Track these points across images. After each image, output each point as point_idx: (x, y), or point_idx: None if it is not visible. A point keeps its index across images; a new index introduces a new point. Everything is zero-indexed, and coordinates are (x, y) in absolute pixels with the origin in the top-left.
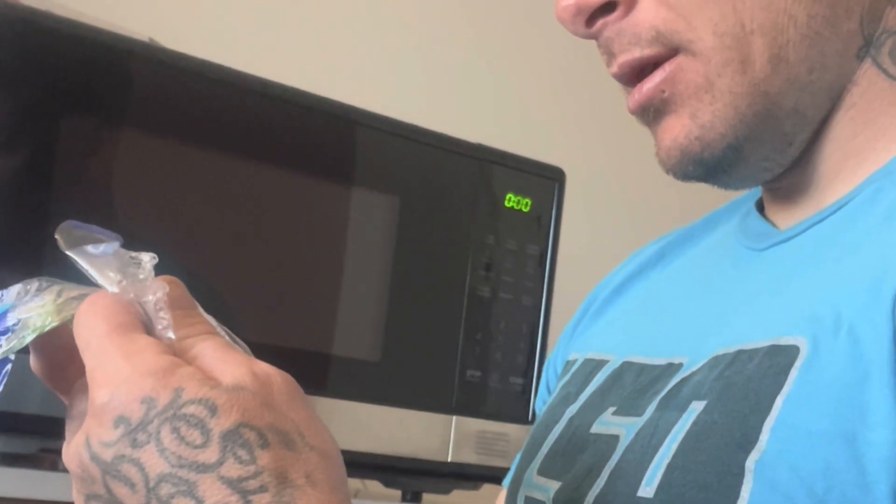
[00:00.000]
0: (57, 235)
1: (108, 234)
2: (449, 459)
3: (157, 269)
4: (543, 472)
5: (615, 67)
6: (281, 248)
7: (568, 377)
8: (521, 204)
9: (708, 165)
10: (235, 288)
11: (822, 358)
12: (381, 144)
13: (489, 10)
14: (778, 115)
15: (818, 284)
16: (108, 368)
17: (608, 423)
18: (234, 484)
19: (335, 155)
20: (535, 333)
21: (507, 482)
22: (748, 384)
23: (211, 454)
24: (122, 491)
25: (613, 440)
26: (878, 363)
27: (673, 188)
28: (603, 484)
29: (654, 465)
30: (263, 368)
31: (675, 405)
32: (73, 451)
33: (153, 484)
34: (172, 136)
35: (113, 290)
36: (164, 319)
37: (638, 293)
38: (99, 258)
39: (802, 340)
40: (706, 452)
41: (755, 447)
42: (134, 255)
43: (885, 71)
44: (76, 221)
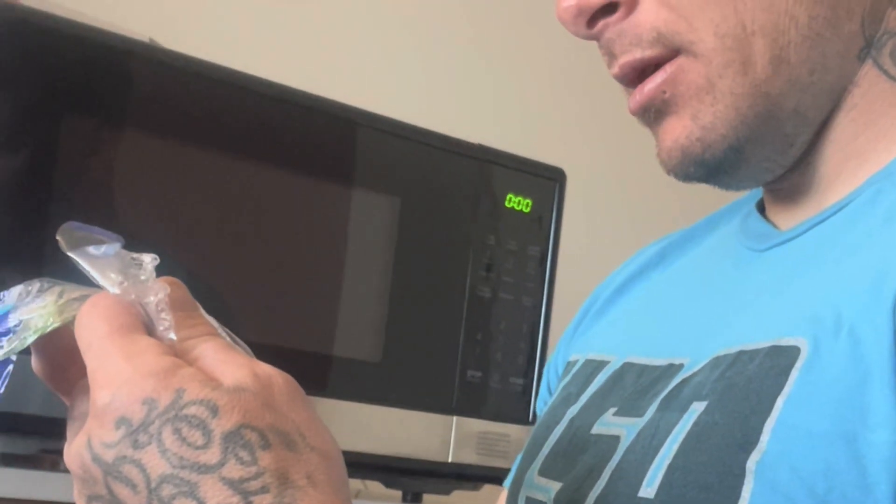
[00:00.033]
0: (58, 236)
1: (109, 235)
2: (449, 460)
3: (158, 269)
4: (544, 472)
5: (616, 68)
6: (281, 248)
7: (569, 378)
8: (521, 204)
9: (709, 166)
10: (236, 288)
11: (822, 359)
12: (381, 145)
13: (489, 10)
14: (779, 116)
15: (819, 285)
16: (109, 369)
17: (609, 423)
18: (235, 485)
19: (336, 155)
20: (535, 334)
21: (507, 483)
22: (749, 385)
23: (212, 455)
24: (123, 492)
25: (614, 441)
26: (878, 364)
27: (673, 189)
28: (604, 485)
29: (654, 465)
30: (265, 369)
31: (676, 406)
32: (74, 451)
33: (155, 485)
34: (173, 136)
35: (114, 291)
36: (165, 320)
37: (639, 294)
38: (100, 259)
39: (803, 341)
40: (707, 453)
41: (756, 448)
42: (135, 256)
43: (886, 72)
44: (77, 222)
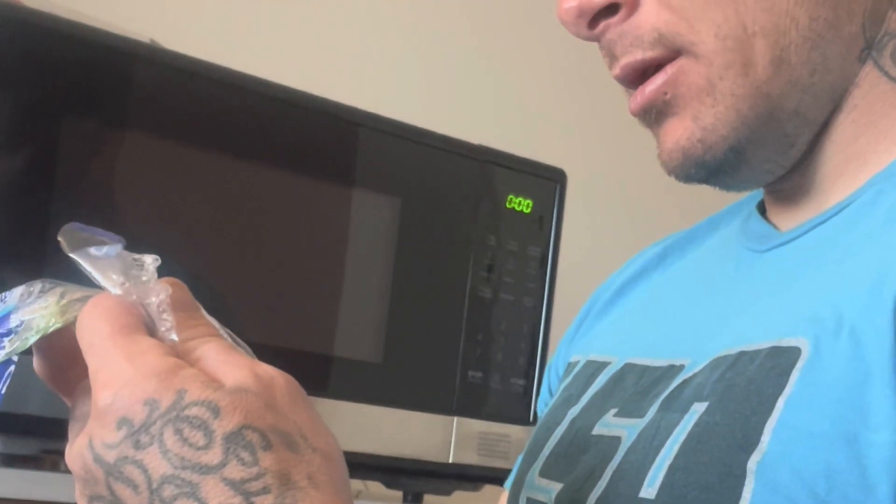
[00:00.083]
0: (60, 237)
1: (110, 236)
2: (450, 460)
3: (159, 270)
4: (545, 473)
5: (617, 69)
6: (282, 249)
7: (570, 379)
8: (522, 205)
9: (710, 167)
10: (237, 289)
11: (823, 359)
12: (382, 146)
13: (490, 11)
14: (780, 117)
15: (819, 286)
16: (111, 370)
17: (610, 424)
18: (236, 485)
19: (337, 156)
20: (536, 334)
21: (508, 484)
22: (750, 385)
23: (214, 456)
24: (125, 492)
25: (615, 441)
26: (879, 364)
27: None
28: (605, 485)
29: (655, 466)
30: (266, 370)
31: (676, 406)
32: (76, 452)
33: (156, 485)
34: (173, 137)
35: (116, 292)
36: (167, 321)
37: (640, 295)
38: (102, 260)
39: (804, 342)
40: (708, 453)
41: (757, 448)
42: (137, 257)
43: (886, 73)
44: (79, 223)
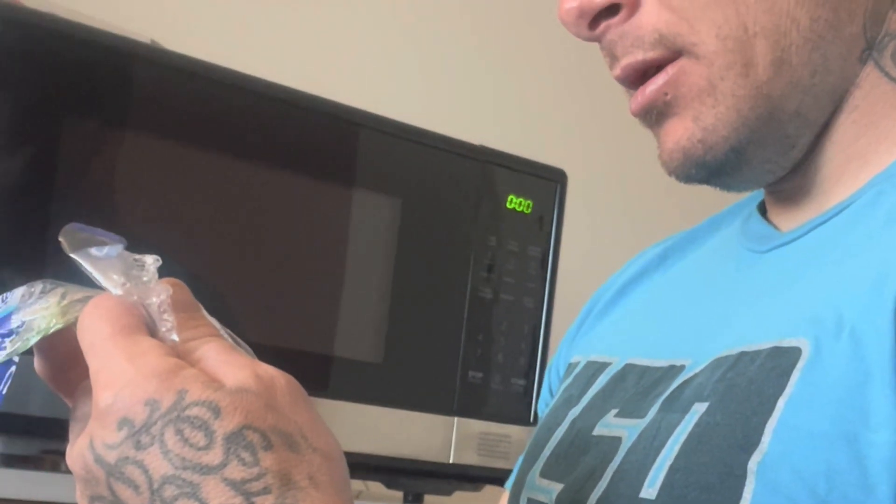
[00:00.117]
0: (61, 238)
1: (111, 236)
2: (451, 461)
3: (160, 271)
4: (546, 474)
5: (618, 70)
6: (283, 249)
7: (570, 380)
8: (522, 205)
9: (710, 168)
10: (238, 289)
11: (824, 359)
12: (383, 146)
13: (490, 11)
14: (780, 117)
15: (820, 286)
16: (111, 370)
17: (611, 425)
18: (237, 486)
19: (337, 157)
20: (536, 335)
21: (509, 484)
22: (750, 386)
23: (214, 456)
24: (125, 493)
25: (616, 442)
26: (879, 365)
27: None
28: (605, 486)
29: (656, 466)
30: (267, 370)
31: (677, 407)
32: (76, 452)
33: (157, 486)
34: (174, 137)
35: (117, 292)
36: (167, 322)
37: (641, 295)
38: (103, 260)
39: (804, 342)
40: (708, 454)
41: (757, 448)
42: (138, 257)
43: (887, 74)
44: (80, 224)
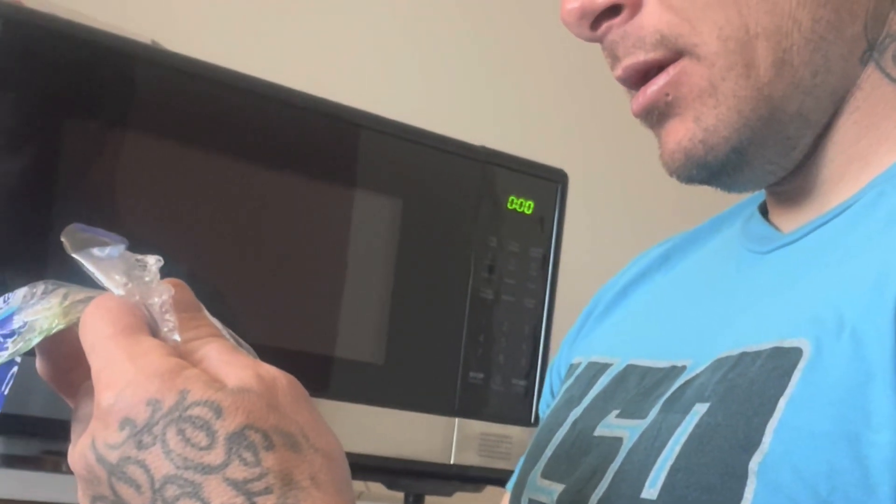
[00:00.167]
0: (63, 238)
1: (113, 237)
2: (452, 462)
3: (161, 271)
4: (547, 474)
5: (619, 71)
6: (284, 250)
7: (571, 380)
8: (523, 206)
9: (712, 169)
10: (239, 290)
11: (825, 360)
12: (383, 147)
13: (491, 12)
14: (782, 118)
15: (821, 287)
16: (113, 370)
17: (612, 425)
18: (239, 485)
19: (338, 157)
20: (537, 335)
21: (510, 485)
22: (751, 386)
23: (216, 456)
24: (127, 492)
25: (617, 443)
26: (880, 365)
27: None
28: (606, 486)
29: (657, 467)
30: (269, 371)
31: (678, 407)
32: (78, 452)
33: (159, 485)
34: (175, 138)
35: (119, 292)
36: (169, 322)
37: (642, 296)
38: (104, 261)
39: (805, 342)
40: (709, 454)
41: (758, 449)
42: (139, 257)
43: (888, 75)
44: (82, 224)
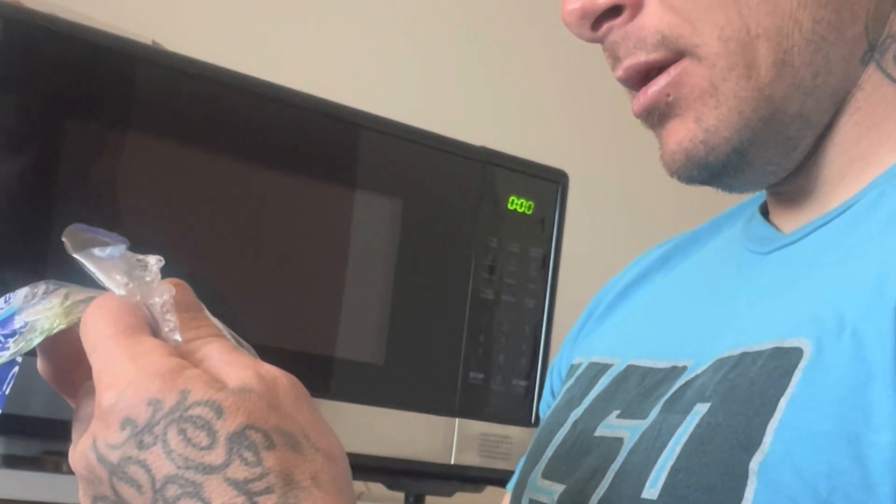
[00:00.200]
0: (64, 238)
1: (114, 237)
2: (452, 462)
3: (162, 271)
4: (548, 475)
5: (620, 71)
6: (284, 250)
7: (572, 381)
8: (524, 206)
9: (712, 169)
10: (239, 290)
11: (825, 360)
12: (384, 147)
13: (491, 12)
14: (782, 119)
15: (822, 287)
16: (114, 370)
17: (612, 426)
18: (240, 485)
19: (338, 158)
20: (537, 336)
21: (511, 486)
22: (752, 386)
23: (217, 456)
24: (128, 492)
25: (618, 443)
26: (881, 365)
27: (676, 191)
28: (607, 486)
29: (658, 467)
30: (269, 371)
31: (679, 408)
32: (79, 452)
33: (160, 485)
34: (176, 138)
35: (120, 292)
36: (170, 322)
37: (642, 297)
38: (106, 261)
39: (806, 342)
40: (710, 454)
41: (759, 449)
42: (140, 257)
43: (889, 76)
44: (83, 224)
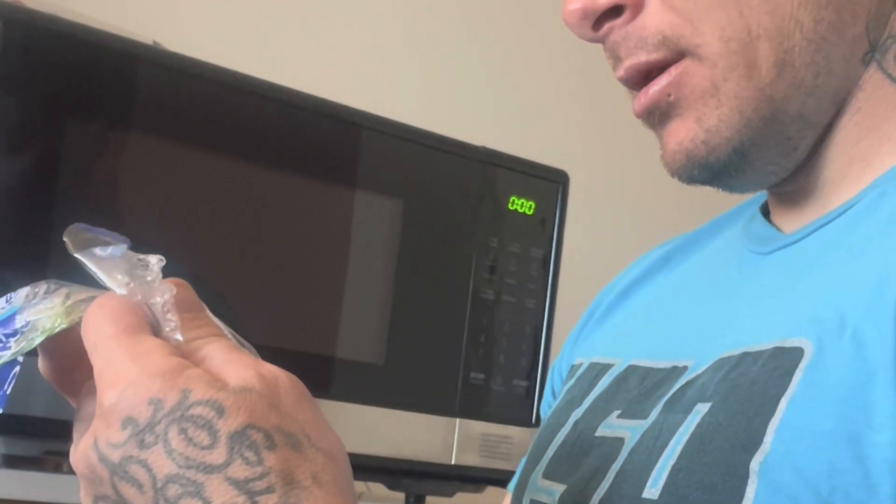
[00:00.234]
0: (65, 238)
1: (115, 236)
2: (452, 462)
3: (163, 271)
4: (549, 475)
5: (621, 71)
6: (285, 250)
7: (573, 381)
8: (524, 207)
9: (713, 169)
10: (240, 290)
11: (826, 360)
12: (384, 147)
13: (491, 12)
14: (783, 119)
15: (822, 287)
16: (115, 370)
17: (613, 426)
18: (241, 485)
19: (339, 158)
20: (538, 336)
21: (511, 486)
22: (753, 386)
23: (218, 455)
24: (129, 492)
25: (619, 443)
26: (882, 365)
27: (677, 191)
28: (608, 486)
29: (658, 466)
30: (270, 370)
31: (679, 407)
32: (81, 452)
33: (161, 485)
34: (176, 138)
35: (121, 292)
36: (171, 321)
37: (643, 297)
38: (107, 260)
39: (807, 342)
40: (711, 454)
41: (760, 448)
42: (142, 257)
43: (890, 76)
44: (84, 224)
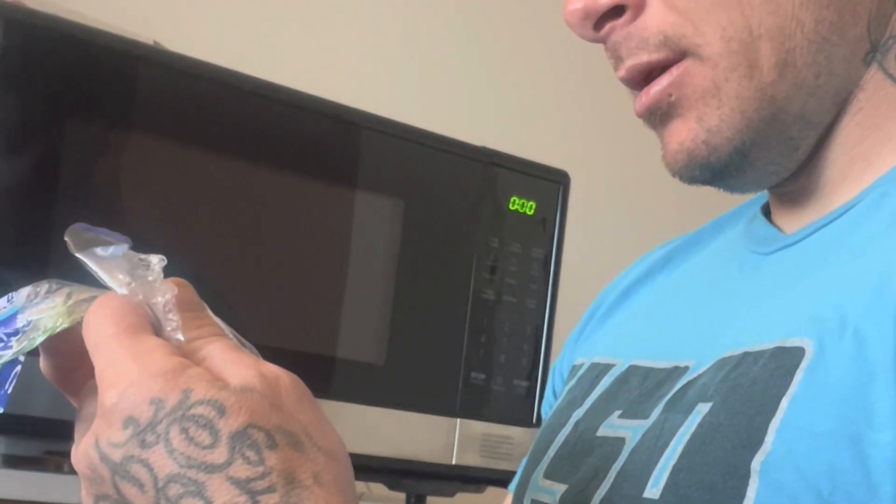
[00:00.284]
0: (66, 238)
1: (116, 236)
2: (453, 462)
3: (164, 271)
4: (550, 475)
5: (623, 71)
6: (286, 251)
7: (574, 381)
8: (525, 207)
9: (714, 169)
10: (241, 291)
11: (827, 359)
12: (385, 148)
13: (491, 12)
14: (784, 119)
15: (823, 287)
16: (117, 369)
17: (614, 426)
18: (242, 484)
19: (340, 158)
20: (539, 336)
21: (512, 486)
22: (754, 386)
23: (219, 455)
24: (130, 491)
25: (620, 443)
26: (883, 365)
27: (678, 191)
28: (609, 486)
29: (660, 466)
30: (272, 370)
31: (681, 407)
32: (82, 451)
33: (162, 484)
34: (177, 138)
35: (122, 291)
36: (172, 321)
37: (645, 297)
38: (108, 260)
39: (808, 342)
40: (712, 454)
41: (761, 448)
42: (143, 257)
43: (891, 76)
44: (85, 224)
